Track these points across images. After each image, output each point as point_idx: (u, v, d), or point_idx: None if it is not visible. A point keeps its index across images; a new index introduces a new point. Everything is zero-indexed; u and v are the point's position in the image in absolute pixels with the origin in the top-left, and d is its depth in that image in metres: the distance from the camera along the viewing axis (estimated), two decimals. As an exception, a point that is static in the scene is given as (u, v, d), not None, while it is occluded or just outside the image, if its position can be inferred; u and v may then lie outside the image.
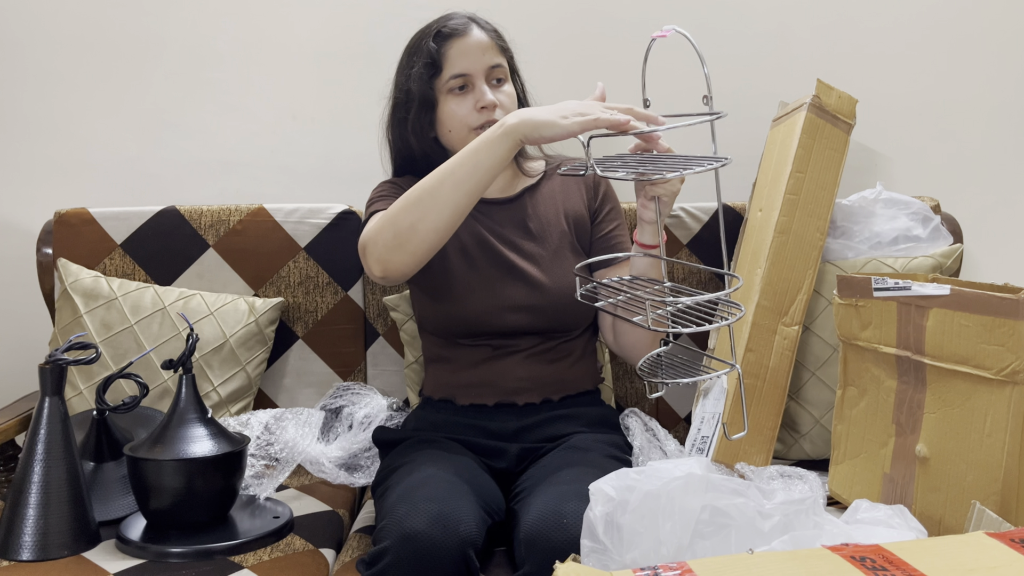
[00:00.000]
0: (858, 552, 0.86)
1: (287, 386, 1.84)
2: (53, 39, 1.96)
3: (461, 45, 1.49)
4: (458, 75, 1.49)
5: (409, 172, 1.60)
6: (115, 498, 1.49)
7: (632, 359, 1.57)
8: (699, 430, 1.56)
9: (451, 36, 1.49)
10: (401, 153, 1.59)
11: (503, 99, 1.51)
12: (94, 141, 1.99)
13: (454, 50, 1.49)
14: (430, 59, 1.49)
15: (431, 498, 1.24)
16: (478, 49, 1.49)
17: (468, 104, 1.49)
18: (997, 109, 2.01)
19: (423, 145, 1.54)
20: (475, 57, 1.49)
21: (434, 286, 1.54)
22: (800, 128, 1.63)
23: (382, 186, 1.58)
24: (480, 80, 1.49)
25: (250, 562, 1.32)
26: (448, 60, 1.49)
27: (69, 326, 1.73)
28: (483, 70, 1.49)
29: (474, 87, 1.49)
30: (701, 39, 1.86)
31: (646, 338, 1.52)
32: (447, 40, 1.49)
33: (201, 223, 1.82)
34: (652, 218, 1.42)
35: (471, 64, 1.49)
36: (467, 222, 1.54)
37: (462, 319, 1.52)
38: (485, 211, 1.57)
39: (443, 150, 1.55)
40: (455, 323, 1.53)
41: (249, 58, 1.97)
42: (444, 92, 1.50)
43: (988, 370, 1.19)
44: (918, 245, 1.72)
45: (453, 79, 1.49)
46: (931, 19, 1.98)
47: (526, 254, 1.54)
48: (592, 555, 1.09)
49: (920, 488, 1.29)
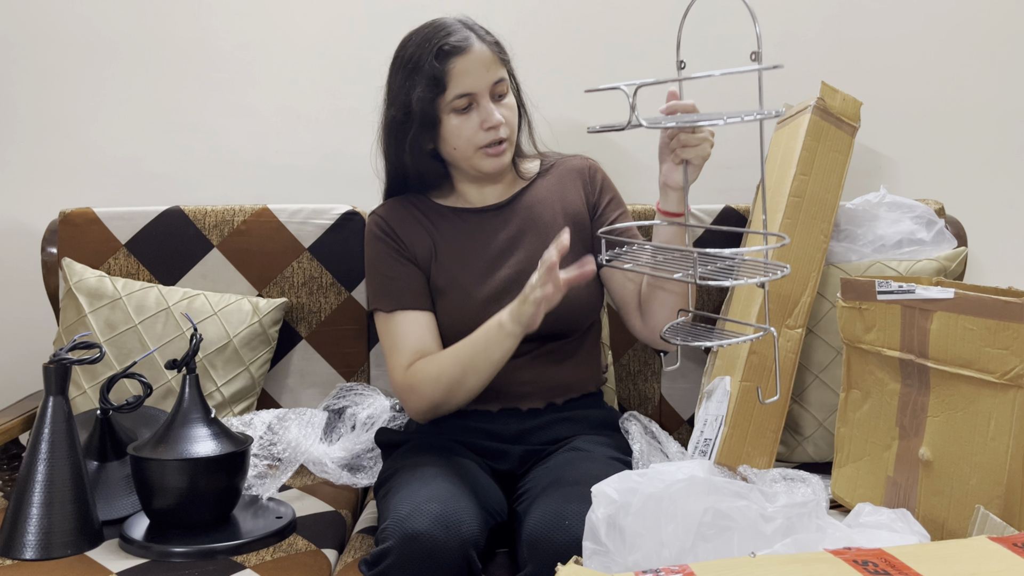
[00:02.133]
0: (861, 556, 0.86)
1: (290, 386, 1.84)
2: (58, 40, 1.96)
3: (464, 63, 1.44)
4: (463, 95, 1.45)
5: (402, 189, 1.59)
6: (118, 497, 1.49)
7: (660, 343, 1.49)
8: (702, 432, 1.55)
9: (453, 53, 1.44)
10: (396, 170, 1.57)
11: (507, 114, 1.48)
12: (99, 141, 1.99)
13: (457, 68, 1.44)
14: (433, 78, 1.44)
15: (434, 499, 1.24)
16: (482, 66, 1.45)
17: (474, 123, 1.46)
18: (1002, 112, 2.01)
19: (418, 162, 1.52)
20: (479, 75, 1.45)
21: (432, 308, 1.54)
22: (804, 130, 1.63)
23: (375, 254, 1.55)
24: (485, 98, 1.46)
25: (253, 562, 1.32)
26: (452, 79, 1.44)
27: (73, 325, 1.73)
28: (487, 87, 1.46)
29: (479, 105, 1.46)
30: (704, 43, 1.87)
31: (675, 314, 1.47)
32: (449, 58, 1.44)
33: (205, 223, 1.82)
34: (679, 183, 1.39)
35: (475, 83, 1.45)
36: (461, 237, 1.55)
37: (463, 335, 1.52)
38: (479, 222, 1.56)
39: (440, 165, 1.55)
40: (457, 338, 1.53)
41: (254, 58, 1.98)
42: (448, 111, 1.46)
43: (992, 374, 1.19)
44: (922, 248, 1.72)
45: (458, 99, 1.45)
46: (936, 22, 1.98)
47: (522, 262, 1.53)
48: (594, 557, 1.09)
49: (923, 492, 1.29)
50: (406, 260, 1.54)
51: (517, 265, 1.53)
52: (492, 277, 1.53)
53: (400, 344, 1.50)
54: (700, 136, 1.35)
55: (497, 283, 1.52)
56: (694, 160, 1.36)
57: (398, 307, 1.51)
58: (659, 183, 1.42)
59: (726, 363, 1.60)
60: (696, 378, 1.81)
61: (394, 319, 1.51)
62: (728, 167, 1.94)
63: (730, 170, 1.93)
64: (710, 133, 1.36)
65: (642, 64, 1.96)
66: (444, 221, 1.56)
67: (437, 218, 1.56)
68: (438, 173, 1.57)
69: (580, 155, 1.65)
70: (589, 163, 1.63)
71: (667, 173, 1.40)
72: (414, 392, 1.45)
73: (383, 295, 1.53)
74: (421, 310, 1.51)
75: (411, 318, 1.51)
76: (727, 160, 1.94)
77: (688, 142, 1.35)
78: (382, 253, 1.55)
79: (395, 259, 1.53)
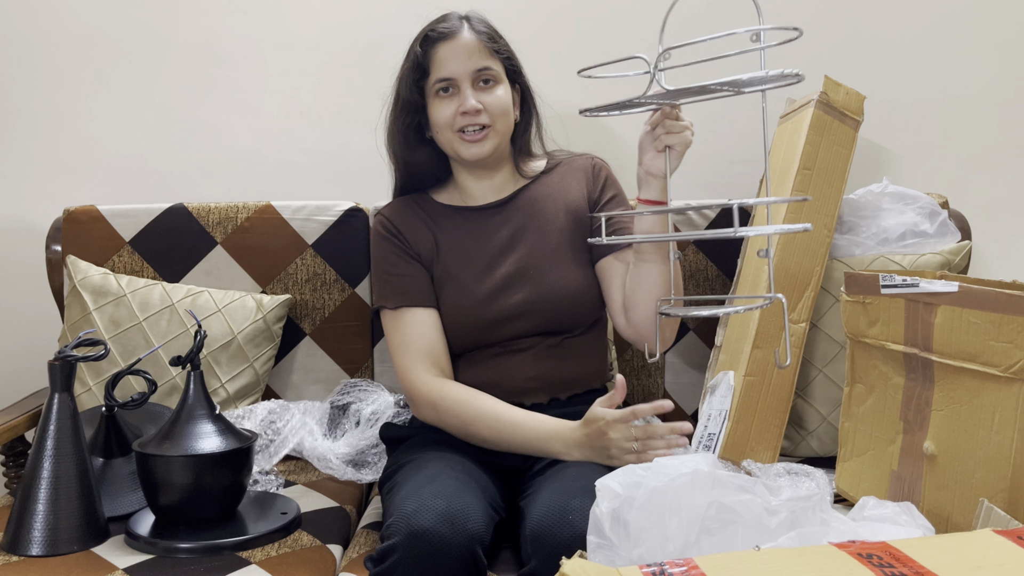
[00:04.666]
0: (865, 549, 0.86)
1: (295, 383, 1.84)
2: (62, 37, 1.97)
3: (447, 49, 1.49)
4: (442, 79, 1.50)
5: (408, 184, 1.61)
6: (124, 494, 1.49)
7: (646, 338, 1.50)
8: (706, 427, 1.55)
9: (439, 40, 1.49)
10: (396, 160, 1.60)
11: (490, 101, 1.50)
12: (103, 139, 1.99)
13: (440, 54, 1.49)
14: (416, 63, 1.50)
15: (439, 495, 1.24)
16: (464, 52, 1.49)
17: (452, 107, 1.50)
18: (1005, 105, 2.00)
19: (414, 153, 1.56)
20: (460, 61, 1.49)
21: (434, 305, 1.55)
22: (808, 124, 1.63)
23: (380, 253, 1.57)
24: (466, 84, 1.49)
25: (258, 558, 1.33)
26: (434, 64, 1.49)
27: (78, 323, 1.74)
28: (468, 73, 1.49)
29: (459, 90, 1.50)
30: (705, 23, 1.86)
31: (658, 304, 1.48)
32: (434, 44, 1.49)
33: (209, 220, 1.83)
34: (661, 170, 1.41)
35: (455, 68, 1.49)
36: (463, 235, 1.56)
37: (465, 334, 1.52)
38: (480, 219, 1.57)
39: (437, 154, 1.58)
40: (458, 336, 1.53)
41: (257, 55, 1.98)
42: (432, 95, 1.51)
43: (996, 367, 1.19)
44: (925, 240, 1.72)
45: (438, 82, 1.50)
46: (939, 14, 1.98)
47: (523, 258, 1.53)
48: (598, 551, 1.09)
49: (928, 485, 1.29)
50: (410, 258, 1.55)
51: (518, 261, 1.53)
52: (492, 273, 1.53)
53: (408, 344, 1.51)
54: (682, 123, 1.37)
55: (498, 279, 1.53)
56: (677, 146, 1.38)
57: (403, 304, 1.52)
58: (639, 175, 1.44)
59: (730, 358, 1.60)
60: (700, 373, 1.81)
61: (399, 316, 1.52)
62: (731, 162, 1.94)
63: (733, 165, 1.93)
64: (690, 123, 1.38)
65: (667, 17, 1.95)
66: (446, 219, 1.57)
67: (439, 216, 1.57)
68: (435, 163, 1.59)
69: (588, 154, 1.65)
70: (595, 161, 1.63)
71: (649, 162, 1.42)
72: (435, 412, 1.48)
73: (388, 293, 1.54)
74: (425, 307, 1.52)
75: (416, 316, 1.52)
76: (730, 155, 1.94)
77: (672, 128, 1.37)
78: (387, 252, 1.56)
79: (399, 257, 1.54)
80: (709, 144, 1.85)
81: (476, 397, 1.46)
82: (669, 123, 1.37)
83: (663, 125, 1.38)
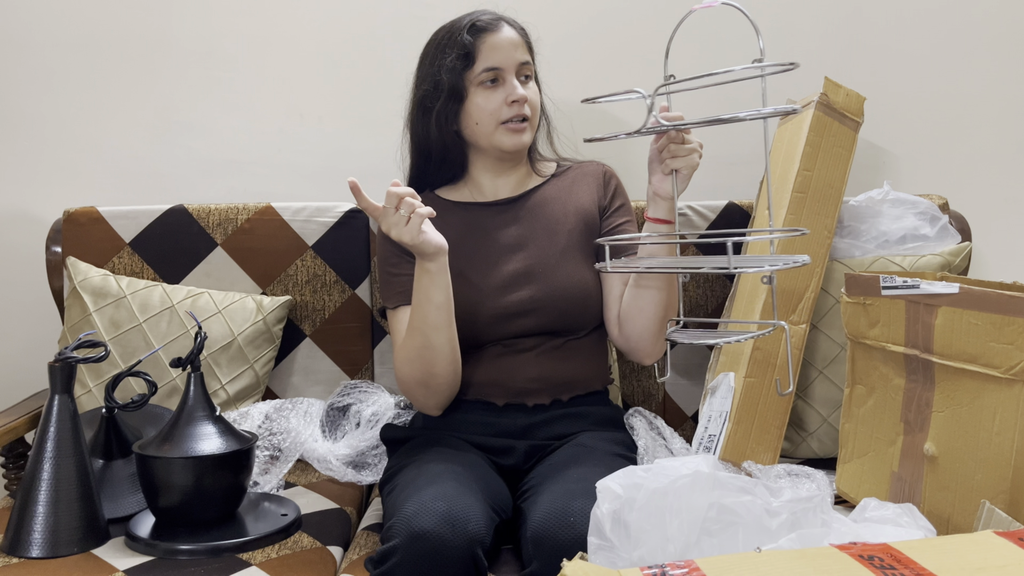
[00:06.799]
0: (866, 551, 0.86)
1: (295, 384, 1.84)
2: (61, 39, 1.97)
3: (494, 39, 1.50)
4: (491, 68, 1.50)
5: (424, 176, 1.61)
6: (124, 496, 1.49)
7: (639, 350, 1.53)
8: (706, 428, 1.55)
9: (484, 30, 1.51)
10: (420, 146, 1.60)
11: (531, 96, 1.53)
12: (103, 140, 1.99)
13: (487, 44, 1.50)
14: (464, 51, 1.50)
15: (439, 497, 1.24)
16: (510, 45, 1.51)
17: (499, 98, 1.51)
18: (1006, 107, 2.00)
19: (444, 137, 1.55)
20: (507, 52, 1.51)
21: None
22: (808, 126, 1.63)
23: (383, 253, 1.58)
24: (511, 75, 1.51)
25: (258, 559, 1.33)
26: (481, 53, 1.50)
27: (78, 324, 1.74)
28: (514, 65, 1.51)
29: (505, 81, 1.51)
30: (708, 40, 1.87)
31: (653, 326, 1.50)
32: (480, 34, 1.51)
33: (209, 222, 1.83)
34: (669, 193, 1.44)
35: (503, 58, 1.50)
36: (469, 231, 1.56)
37: (468, 329, 1.52)
38: (488, 216, 1.58)
39: (463, 144, 1.57)
40: (462, 331, 1.53)
41: (257, 57, 1.98)
42: (475, 84, 1.51)
43: (997, 369, 1.19)
44: (926, 244, 1.72)
45: (485, 72, 1.50)
46: (940, 16, 1.98)
47: (531, 257, 1.54)
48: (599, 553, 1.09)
49: (928, 487, 1.29)
50: (411, 257, 1.54)
51: (525, 260, 1.54)
52: (499, 271, 1.53)
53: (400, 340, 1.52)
54: (689, 147, 1.40)
55: (504, 277, 1.53)
56: (683, 169, 1.42)
57: (402, 303, 1.52)
58: (648, 193, 1.47)
59: (730, 359, 1.60)
60: (700, 375, 1.81)
61: (398, 315, 1.53)
62: (731, 163, 1.94)
63: (733, 166, 1.93)
64: (699, 144, 1.42)
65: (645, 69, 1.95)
66: (452, 216, 1.57)
67: (445, 213, 1.57)
68: (459, 155, 1.59)
69: (597, 161, 1.67)
70: (605, 168, 1.66)
71: (657, 183, 1.45)
72: (400, 380, 1.50)
73: (390, 292, 1.55)
74: None
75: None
76: (730, 156, 1.94)
77: (677, 152, 1.40)
78: (389, 251, 1.57)
79: (401, 256, 1.55)
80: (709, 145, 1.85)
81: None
82: (675, 147, 1.40)
83: (668, 150, 1.41)
